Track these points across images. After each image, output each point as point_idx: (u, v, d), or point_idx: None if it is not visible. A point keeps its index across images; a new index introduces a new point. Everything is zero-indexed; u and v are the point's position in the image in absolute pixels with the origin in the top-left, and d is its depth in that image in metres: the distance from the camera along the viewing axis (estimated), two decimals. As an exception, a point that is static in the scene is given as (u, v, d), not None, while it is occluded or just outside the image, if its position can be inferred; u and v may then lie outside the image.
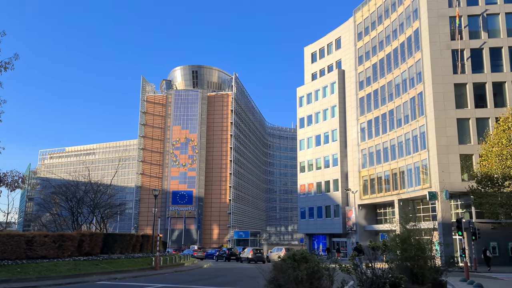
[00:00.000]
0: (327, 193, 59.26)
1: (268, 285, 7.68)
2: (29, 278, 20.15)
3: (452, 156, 39.36)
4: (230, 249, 53.87)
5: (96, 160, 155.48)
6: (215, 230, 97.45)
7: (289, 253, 7.82)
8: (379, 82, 52.33)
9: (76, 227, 32.44)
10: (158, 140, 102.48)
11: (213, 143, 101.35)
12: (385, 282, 9.70)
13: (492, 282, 21.40)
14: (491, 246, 37.10)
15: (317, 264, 7.70)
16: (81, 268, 23.46)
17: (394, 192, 47.17)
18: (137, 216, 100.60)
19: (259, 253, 44.45)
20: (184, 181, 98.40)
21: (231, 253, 50.55)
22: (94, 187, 35.16)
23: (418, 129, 43.85)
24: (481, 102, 40.64)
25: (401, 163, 46.80)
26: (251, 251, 44.99)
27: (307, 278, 7.37)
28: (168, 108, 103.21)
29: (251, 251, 44.68)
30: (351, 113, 57.41)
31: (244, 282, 21.51)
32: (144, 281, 21.86)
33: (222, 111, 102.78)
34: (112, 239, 30.45)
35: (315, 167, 62.27)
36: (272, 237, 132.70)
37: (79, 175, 40.71)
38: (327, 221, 58.65)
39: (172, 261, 33.49)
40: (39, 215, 47.08)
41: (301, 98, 66.95)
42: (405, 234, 13.14)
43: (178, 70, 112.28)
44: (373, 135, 52.33)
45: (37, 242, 23.68)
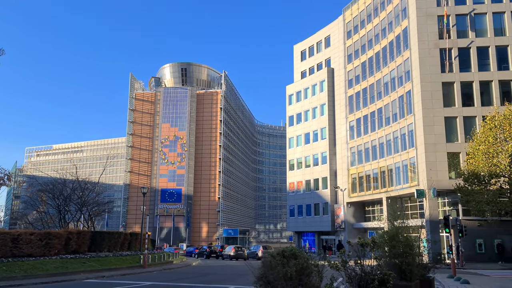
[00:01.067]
0: (316, 191, 59.48)
1: (257, 281, 7.63)
2: (14, 276, 19.85)
3: (440, 154, 39.79)
4: (210, 247, 55.67)
5: (84, 158, 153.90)
6: (204, 228, 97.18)
7: (279, 249, 7.79)
8: (368, 80, 52.65)
9: (63, 225, 32.09)
10: (147, 137, 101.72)
11: (202, 141, 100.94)
12: (374, 279, 9.72)
13: (479, 279, 21.67)
14: (477, 243, 37.65)
15: (306, 261, 7.67)
16: (68, 266, 23.20)
17: (383, 190, 47.54)
18: (125, 214, 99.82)
19: (240, 250, 46.18)
20: (173, 179, 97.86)
21: (211, 251, 52.59)
22: (82, 185, 34.79)
23: (406, 127, 44.22)
24: (468, 101, 41.14)
25: (389, 161, 47.17)
26: (232, 248, 46.61)
27: (296, 275, 7.32)
28: (157, 106, 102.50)
29: (233, 249, 46.33)
30: (340, 111, 57.67)
31: (234, 280, 21.45)
32: (133, 279, 21.68)
33: (211, 109, 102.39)
34: (100, 237, 30.23)
35: (304, 165, 62.43)
36: (261, 235, 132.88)
37: (66, 173, 40.20)
38: (316, 219, 58.89)
39: (161, 259, 33.31)
40: (25, 213, 46.45)
41: (290, 96, 67.03)
42: (393, 231, 13.19)
43: (167, 68, 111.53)
44: (362, 133, 52.64)
45: (23, 240, 23.38)
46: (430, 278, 14.10)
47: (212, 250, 52.60)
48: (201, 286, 18.47)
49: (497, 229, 36.55)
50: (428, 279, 13.94)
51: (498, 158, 31.64)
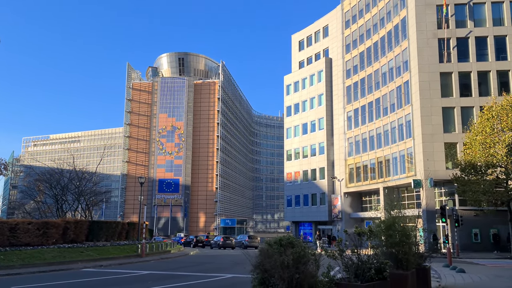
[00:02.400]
0: (313, 181, 59.61)
1: (254, 270, 7.62)
2: (12, 265, 19.89)
3: (437, 144, 39.87)
4: (196, 237, 58.32)
5: (81, 148, 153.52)
6: (201, 218, 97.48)
7: (276, 238, 7.79)
8: (366, 70, 52.48)
9: (61, 214, 32.06)
10: (144, 128, 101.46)
11: (200, 131, 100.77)
12: (370, 267, 9.75)
13: (474, 268, 21.86)
14: (473, 232, 37.95)
15: (304, 249, 7.65)
16: (66, 256, 23.25)
17: (380, 180, 47.69)
18: (123, 204, 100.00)
19: (229, 240, 49.68)
20: (171, 169, 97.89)
21: (198, 240, 54.86)
22: (79, 175, 34.71)
23: (404, 118, 44.22)
24: (466, 91, 41.12)
25: (386, 152, 47.25)
26: (221, 238, 50.44)
27: (293, 263, 7.31)
28: (154, 96, 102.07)
29: (222, 238, 50.18)
30: (338, 101, 57.56)
31: (231, 268, 21.56)
32: (130, 268, 21.77)
33: (209, 99, 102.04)
34: (98, 226, 30.25)
35: (301, 155, 62.50)
36: (258, 225, 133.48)
37: (63, 163, 40.08)
38: (313, 209, 59.12)
39: (158, 249, 33.44)
40: (23, 202, 46.40)
41: (288, 86, 66.82)
42: (390, 221, 13.24)
43: (164, 57, 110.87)
44: (360, 124, 52.63)
45: (21, 230, 23.38)
46: (426, 267, 14.20)
47: (199, 240, 54.95)
48: (198, 275, 18.55)
49: (493, 219, 36.82)
50: (424, 268, 14.04)
51: (495, 149, 31.73)
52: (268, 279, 7.23)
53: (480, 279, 16.34)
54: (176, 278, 17.78)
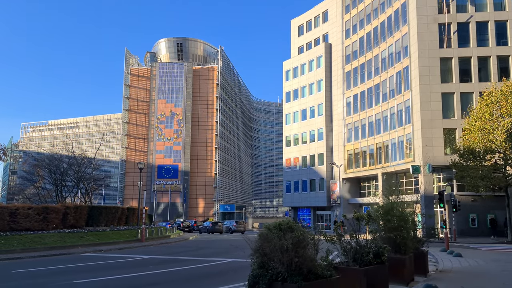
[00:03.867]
0: (312, 167, 59.77)
1: (254, 254, 7.67)
2: (13, 250, 20.05)
3: (436, 130, 39.89)
4: (183, 222, 61.48)
5: (80, 134, 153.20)
6: (200, 203, 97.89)
7: (275, 222, 7.83)
8: (366, 56, 52.15)
9: (60, 199, 32.18)
10: (143, 113, 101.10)
11: (199, 117, 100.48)
12: (369, 252, 9.83)
13: (471, 252, 22.08)
14: (470, 217, 38.25)
15: (303, 234, 7.69)
16: (66, 240, 23.43)
17: (378, 166, 47.83)
18: (122, 190, 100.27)
19: (217, 225, 52.74)
20: (170, 155, 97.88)
21: (185, 225, 57.87)
22: (78, 160, 34.72)
23: (403, 104, 44.13)
24: (466, 77, 40.96)
25: (385, 137, 47.28)
26: (210, 223, 53.43)
27: (292, 247, 7.34)
28: (153, 81, 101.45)
29: (211, 224, 53.13)
30: (337, 87, 57.35)
31: (230, 253, 21.73)
32: (130, 253, 21.94)
33: (208, 85, 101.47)
34: (97, 211, 30.42)
35: (300, 141, 62.52)
36: (257, 210, 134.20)
37: (62, 148, 40.04)
38: (312, 195, 59.40)
39: (158, 234, 33.67)
40: (22, 188, 46.51)
41: (287, 72, 66.45)
42: (388, 206, 13.30)
43: (162, 43, 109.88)
44: (359, 110, 52.53)
45: (21, 214, 23.52)
46: (424, 252, 14.34)
47: (186, 225, 58.17)
48: (198, 260, 18.72)
49: (491, 204, 37.07)
50: (422, 252, 14.18)
51: (493, 134, 31.76)
52: (267, 262, 7.27)
53: (477, 263, 16.51)
54: (176, 262, 17.93)
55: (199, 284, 12.18)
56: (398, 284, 11.16)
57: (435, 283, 10.85)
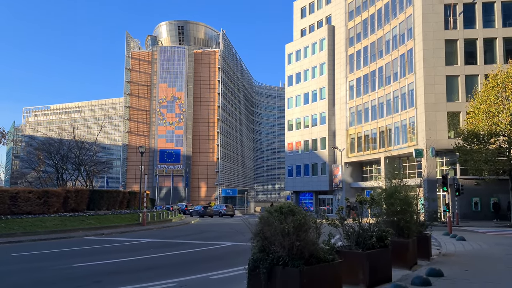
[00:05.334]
0: (314, 151, 59.52)
1: (254, 237, 7.49)
2: (14, 233, 20.01)
3: (440, 113, 39.42)
4: (172, 206, 63.49)
5: (82, 118, 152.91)
6: (202, 188, 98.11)
7: (276, 205, 7.64)
8: (369, 38, 51.33)
9: (61, 183, 32.08)
10: (144, 98, 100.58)
11: (200, 101, 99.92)
12: (372, 235, 9.67)
13: (474, 236, 21.95)
14: (473, 201, 38.08)
15: (304, 217, 7.48)
16: (67, 224, 23.38)
17: (381, 150, 47.52)
18: (125, 174, 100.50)
19: (208, 209, 56.13)
20: (172, 140, 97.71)
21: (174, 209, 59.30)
22: (79, 144, 34.50)
23: (406, 87, 43.56)
24: (471, 59, 40.27)
25: (388, 121, 46.84)
26: (202, 207, 56.42)
27: (293, 231, 7.15)
28: (154, 65, 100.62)
29: (202, 208, 56.24)
30: (340, 70, 56.66)
31: (231, 237, 21.64)
32: (131, 237, 21.90)
33: (209, 69, 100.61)
34: (99, 195, 30.33)
35: (302, 125, 62.12)
36: (259, 194, 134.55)
37: (63, 132, 39.81)
38: (314, 179, 59.29)
39: (160, 217, 33.68)
40: (23, 172, 46.50)
41: (289, 55, 65.65)
42: (392, 189, 13.11)
43: (163, 26, 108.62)
44: (362, 93, 51.96)
45: (22, 198, 23.44)
46: (427, 235, 14.18)
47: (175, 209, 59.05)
48: (199, 243, 18.63)
49: (494, 188, 36.85)
50: (425, 236, 14.02)
51: (498, 117, 31.31)
52: (268, 246, 7.11)
53: (480, 247, 16.36)
54: (177, 246, 17.85)
55: (199, 268, 12.05)
56: (401, 268, 11.03)
57: (439, 266, 10.69)
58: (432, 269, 10.17)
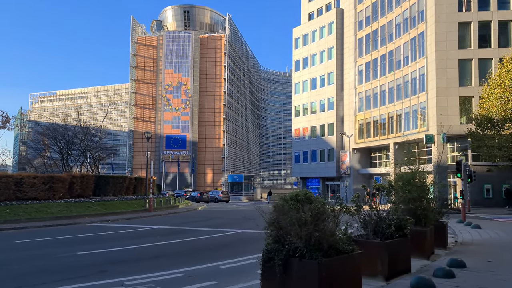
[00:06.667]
0: (321, 137, 58.82)
1: (268, 227, 6.98)
2: (18, 219, 19.74)
3: (452, 98, 38.45)
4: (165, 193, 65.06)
5: (88, 104, 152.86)
6: (209, 174, 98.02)
7: (292, 193, 7.09)
8: (379, 21, 50.06)
9: (67, 169, 31.76)
10: (150, 83, 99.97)
11: (206, 87, 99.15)
12: (390, 224, 9.20)
13: (488, 223, 21.40)
14: (485, 188, 37.36)
15: (323, 205, 6.95)
16: (72, 210, 23.09)
17: (390, 136, 46.72)
18: (131, 160, 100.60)
19: (204, 195, 57.62)
20: (178, 126, 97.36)
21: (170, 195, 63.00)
22: (84, 129, 34.08)
23: (417, 71, 42.52)
24: (485, 42, 39.07)
25: (398, 106, 45.93)
26: (198, 194, 57.65)
27: (311, 220, 6.61)
28: (160, 51, 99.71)
29: (198, 194, 57.48)
30: (348, 55, 55.52)
31: (240, 224, 21.25)
32: (138, 223, 21.56)
33: (215, 54, 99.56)
34: (105, 181, 30.01)
35: (310, 111, 61.29)
36: (265, 181, 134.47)
37: (68, 118, 39.43)
38: (321, 165, 58.73)
39: (166, 203, 33.38)
40: (29, 157, 46.35)
41: (297, 39, 64.47)
42: (409, 175, 12.57)
43: (169, 10, 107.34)
44: (371, 78, 50.93)
45: (27, 184, 23.13)
46: (444, 223, 13.69)
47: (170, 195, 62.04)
48: (206, 230, 18.23)
49: (506, 174, 36.10)
50: (442, 224, 13.54)
51: (514, 102, 30.42)
52: (283, 236, 6.63)
53: (498, 235, 15.82)
54: (184, 233, 17.46)
55: (207, 256, 11.63)
56: (418, 258, 10.60)
57: (459, 257, 10.16)
58: (454, 259, 9.65)
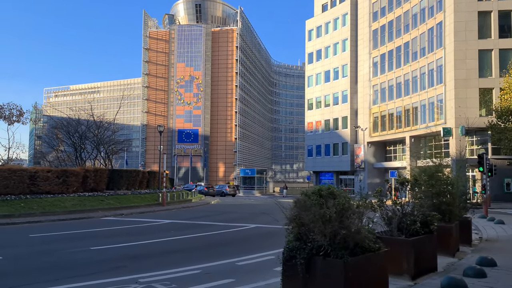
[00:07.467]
0: (335, 131, 58.09)
1: (289, 223, 6.58)
2: (33, 213, 19.71)
3: (471, 90, 37.42)
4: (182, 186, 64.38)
5: (101, 99, 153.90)
6: (221, 168, 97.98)
7: (314, 188, 6.66)
8: (395, 12, 48.96)
9: (80, 163, 31.76)
10: (162, 78, 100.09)
11: (218, 81, 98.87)
12: (415, 220, 8.73)
13: (511, 218, 20.69)
14: (505, 182, 36.39)
15: (348, 201, 6.52)
16: (86, 204, 22.99)
17: (406, 129, 45.82)
18: (144, 154, 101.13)
19: (211, 188, 58.40)
20: (190, 120, 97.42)
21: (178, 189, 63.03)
22: (97, 123, 34.05)
23: (435, 62, 41.48)
24: (506, 32, 37.83)
25: (414, 99, 44.96)
26: (205, 187, 57.90)
27: (336, 216, 6.18)
28: (172, 45, 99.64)
29: (205, 188, 57.61)
30: (363, 46, 54.53)
31: (254, 218, 20.90)
32: (151, 217, 21.37)
33: (227, 48, 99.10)
34: (118, 175, 29.92)
35: (323, 104, 60.55)
36: (277, 175, 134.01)
37: (81, 112, 39.49)
38: (335, 159, 58.06)
39: (179, 197, 33.20)
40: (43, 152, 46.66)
41: (310, 31, 63.60)
42: (432, 169, 12.03)
43: (180, 4, 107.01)
44: (386, 70, 49.96)
45: (41, 177, 23.11)
46: (468, 219, 13.16)
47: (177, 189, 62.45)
48: (220, 225, 17.92)
49: (528, 169, 35.08)
50: (467, 220, 13.01)
51: (536, 94, 29.43)
52: (305, 234, 6.24)
53: (525, 232, 15.16)
54: (199, 227, 17.18)
55: (223, 252, 11.29)
56: (443, 255, 10.12)
57: (486, 254, 9.64)
58: (484, 258, 9.13)
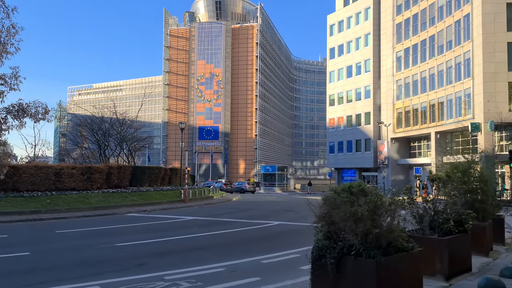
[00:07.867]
0: (357, 127, 57.25)
1: (318, 221, 6.34)
2: (58, 209, 20.00)
3: (500, 84, 36.17)
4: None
5: (123, 97, 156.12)
6: (241, 165, 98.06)
7: (344, 185, 6.42)
8: (420, 4, 47.74)
9: (104, 160, 32.20)
10: (183, 75, 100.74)
11: (238, 77, 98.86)
12: (449, 219, 8.36)
13: (545, 218, 19.79)
14: (535, 180, 35.06)
15: (380, 198, 6.24)
16: (110, 200, 23.24)
17: (431, 125, 44.70)
18: (165, 151, 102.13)
19: (229, 185, 58.02)
20: (210, 117, 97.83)
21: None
22: (120, 120, 34.45)
23: (462, 56, 40.27)
24: (537, 23, 36.45)
25: (440, 94, 43.80)
26: (223, 184, 57.77)
27: (368, 215, 5.91)
28: (192, 42, 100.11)
29: (223, 185, 57.30)
30: (386, 41, 53.45)
31: (277, 216, 20.69)
32: (174, 214, 21.43)
33: (247, 44, 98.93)
34: (141, 172, 30.19)
35: (345, 100, 59.73)
36: (298, 171, 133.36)
37: (104, 109, 40.06)
38: (357, 155, 57.25)
39: (201, 194, 33.26)
40: (68, 149, 47.57)
41: (331, 26, 62.77)
42: (465, 165, 11.57)
43: (200, 1, 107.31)
44: (410, 64, 48.83)
45: (66, 174, 23.48)
46: (502, 217, 12.65)
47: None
48: (243, 222, 17.79)
49: (560, 165, 33.66)
50: (500, 218, 12.51)
51: None
52: (336, 232, 5.99)
53: (561, 231, 14.46)
54: (221, 224, 17.10)
55: (247, 250, 11.14)
56: (477, 255, 9.76)
57: (524, 255, 9.17)
58: (524, 259, 8.67)
